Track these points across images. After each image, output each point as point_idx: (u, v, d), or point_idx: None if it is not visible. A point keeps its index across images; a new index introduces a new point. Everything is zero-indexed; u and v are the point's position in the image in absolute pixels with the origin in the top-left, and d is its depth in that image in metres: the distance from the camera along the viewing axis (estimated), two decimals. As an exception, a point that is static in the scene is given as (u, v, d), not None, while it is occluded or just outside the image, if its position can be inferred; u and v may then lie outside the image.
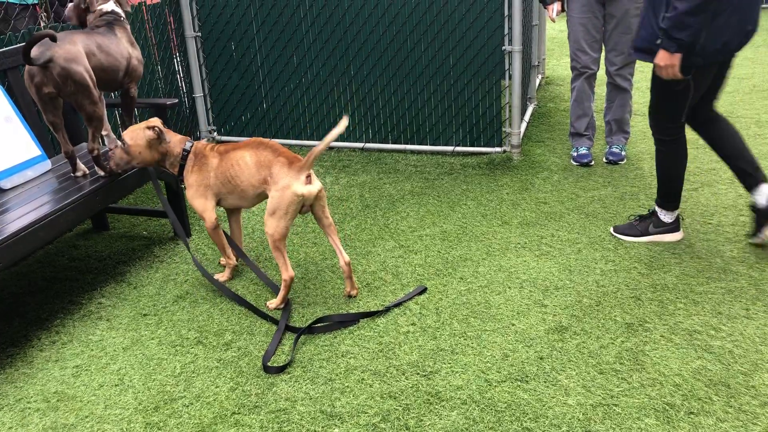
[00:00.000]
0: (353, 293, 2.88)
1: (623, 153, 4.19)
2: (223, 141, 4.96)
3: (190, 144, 2.91)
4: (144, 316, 2.85)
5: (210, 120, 5.02)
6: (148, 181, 3.30)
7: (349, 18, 4.42)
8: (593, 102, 4.20)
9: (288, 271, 2.75)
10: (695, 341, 2.47)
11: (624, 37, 3.88)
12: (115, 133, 4.02)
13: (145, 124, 2.88)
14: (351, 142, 4.74)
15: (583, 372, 2.34)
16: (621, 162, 4.17)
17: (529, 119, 5.07)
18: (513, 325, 2.62)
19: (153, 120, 2.94)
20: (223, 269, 3.19)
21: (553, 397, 2.23)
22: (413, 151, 4.62)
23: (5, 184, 2.97)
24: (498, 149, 4.41)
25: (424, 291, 2.90)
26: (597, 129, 4.54)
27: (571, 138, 4.30)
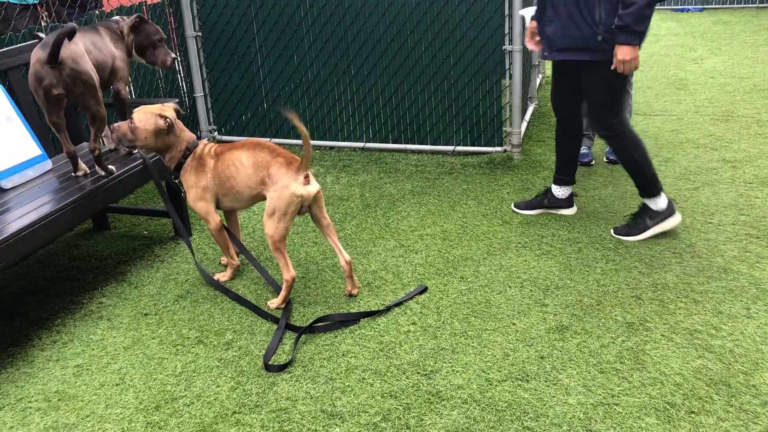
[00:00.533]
0: (354, 292, 2.88)
1: (624, 152, 4.19)
2: (224, 141, 4.96)
3: (194, 144, 2.87)
4: (145, 315, 2.85)
5: (210, 120, 5.02)
6: (149, 181, 3.30)
7: (350, 17, 4.42)
8: (594, 101, 4.20)
9: (289, 272, 2.74)
10: (696, 340, 2.47)
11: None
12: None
13: (159, 109, 2.76)
14: (351, 141, 4.74)
15: (584, 371, 2.34)
16: (621, 161, 4.17)
17: (530, 119, 5.07)
18: (514, 325, 2.62)
19: (168, 105, 2.83)
20: (224, 269, 3.19)
21: (554, 397, 2.23)
22: (414, 151, 4.62)
23: (6, 183, 2.97)
24: (498, 149, 4.41)
25: (424, 290, 2.90)
26: (597, 128, 4.54)
27: (572, 137, 4.30)
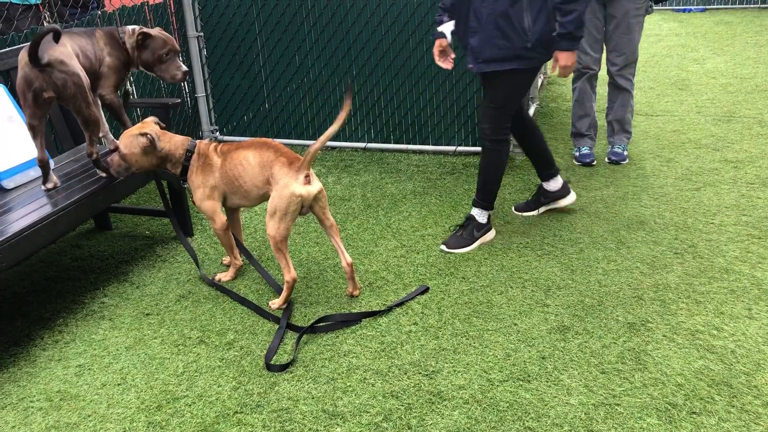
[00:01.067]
0: (355, 293, 2.88)
1: (625, 153, 4.19)
2: (225, 141, 4.96)
3: (192, 145, 2.87)
4: (146, 315, 2.85)
5: (212, 120, 5.03)
6: (150, 181, 3.29)
7: (351, 18, 4.42)
8: (595, 102, 4.20)
9: (290, 272, 2.74)
10: (697, 341, 2.46)
11: (624, 38, 3.88)
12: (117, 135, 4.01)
13: (139, 128, 2.77)
14: (353, 142, 4.74)
15: (585, 372, 2.34)
16: (623, 162, 4.17)
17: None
18: (515, 325, 2.62)
19: (147, 122, 2.84)
20: (226, 268, 3.19)
21: (555, 397, 2.23)
22: (415, 151, 4.62)
23: (8, 183, 2.98)
24: (500, 149, 4.41)
25: (426, 290, 2.90)
26: (599, 129, 4.54)
27: (573, 138, 4.30)
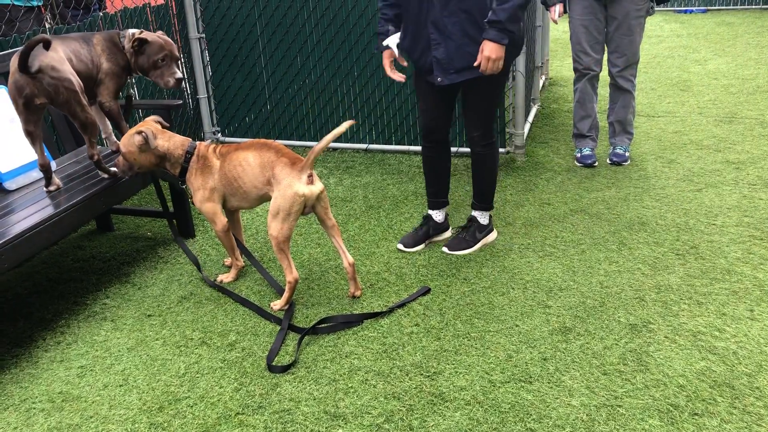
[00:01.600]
0: (357, 294, 2.88)
1: (627, 154, 4.18)
2: (227, 142, 4.96)
3: (192, 146, 2.87)
4: (148, 316, 2.86)
5: (214, 121, 5.03)
6: (152, 182, 3.30)
7: (353, 19, 4.42)
8: (596, 103, 4.20)
9: (292, 273, 2.75)
10: (699, 342, 2.46)
11: (625, 39, 3.88)
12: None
13: (137, 128, 2.82)
14: (355, 143, 4.74)
15: (587, 373, 2.34)
16: (625, 163, 4.16)
17: (533, 120, 5.07)
18: (517, 326, 2.62)
19: (147, 120, 2.89)
20: (228, 270, 3.19)
21: (557, 398, 2.22)
22: (417, 152, 4.62)
23: (10, 185, 2.98)
24: (502, 150, 4.41)
25: (427, 292, 2.90)
26: (600, 130, 4.54)
27: (575, 139, 4.30)
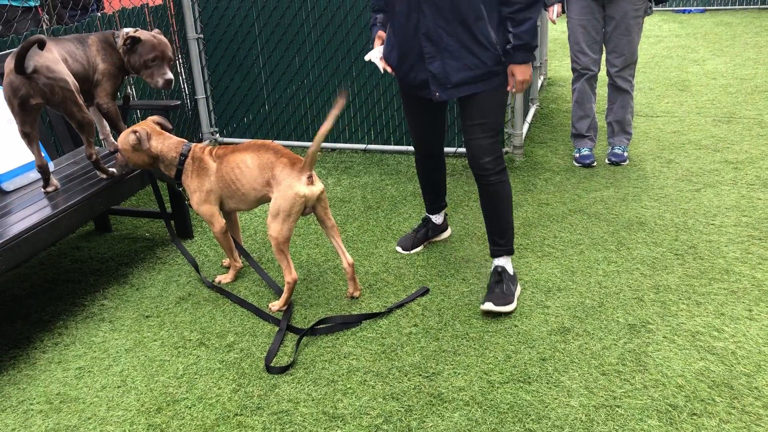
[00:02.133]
0: (356, 294, 2.88)
1: (625, 154, 4.18)
2: (225, 142, 4.96)
3: (186, 148, 2.87)
4: (146, 317, 2.85)
5: (212, 122, 5.03)
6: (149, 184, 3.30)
7: (351, 19, 4.42)
8: (595, 103, 4.20)
9: (291, 274, 2.74)
10: (698, 342, 2.46)
11: (623, 39, 3.88)
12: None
13: (134, 127, 2.84)
14: (353, 143, 4.74)
15: (586, 373, 2.33)
16: (623, 163, 4.17)
17: (532, 120, 5.07)
18: (515, 326, 2.62)
19: (146, 121, 2.92)
20: (226, 270, 3.19)
21: (556, 399, 2.22)
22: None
23: (8, 186, 2.98)
24: (500, 150, 4.41)
25: (426, 292, 2.90)
26: (599, 130, 4.54)
27: (573, 139, 4.30)
